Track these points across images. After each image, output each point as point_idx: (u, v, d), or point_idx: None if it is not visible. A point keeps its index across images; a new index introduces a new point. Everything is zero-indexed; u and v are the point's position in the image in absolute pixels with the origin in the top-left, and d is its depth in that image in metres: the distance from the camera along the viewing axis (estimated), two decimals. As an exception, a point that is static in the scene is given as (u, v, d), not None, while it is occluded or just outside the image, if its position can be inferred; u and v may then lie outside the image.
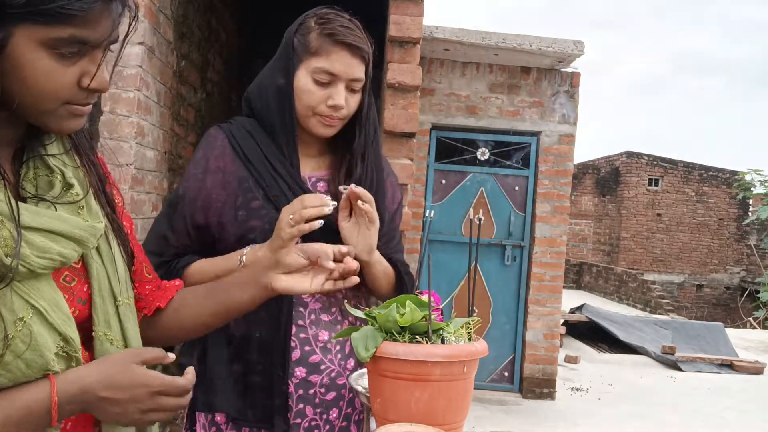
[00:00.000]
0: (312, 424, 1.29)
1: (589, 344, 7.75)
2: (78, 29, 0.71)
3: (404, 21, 2.70)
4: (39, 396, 0.75)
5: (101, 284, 0.84)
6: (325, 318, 1.32)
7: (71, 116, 0.77)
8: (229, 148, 1.29)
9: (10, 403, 0.73)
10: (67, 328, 0.77)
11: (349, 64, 1.26)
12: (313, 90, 1.26)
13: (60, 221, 0.78)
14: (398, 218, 1.43)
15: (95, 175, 0.88)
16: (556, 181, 5.27)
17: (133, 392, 0.79)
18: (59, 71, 0.73)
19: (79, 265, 0.83)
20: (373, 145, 1.35)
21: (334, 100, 1.26)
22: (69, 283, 0.81)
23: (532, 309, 5.25)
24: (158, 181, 3.10)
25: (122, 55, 0.81)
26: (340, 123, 1.30)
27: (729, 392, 6.02)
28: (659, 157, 16.29)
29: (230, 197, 1.26)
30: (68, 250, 0.78)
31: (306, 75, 1.27)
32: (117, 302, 0.86)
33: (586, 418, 4.88)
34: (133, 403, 0.79)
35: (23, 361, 0.74)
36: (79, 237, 0.79)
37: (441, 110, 5.22)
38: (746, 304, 14.33)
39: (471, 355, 0.96)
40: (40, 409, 0.75)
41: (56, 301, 0.77)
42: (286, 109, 1.28)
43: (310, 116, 1.28)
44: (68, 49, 0.72)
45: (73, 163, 0.85)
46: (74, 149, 0.86)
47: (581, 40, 4.84)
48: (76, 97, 0.76)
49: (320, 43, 1.26)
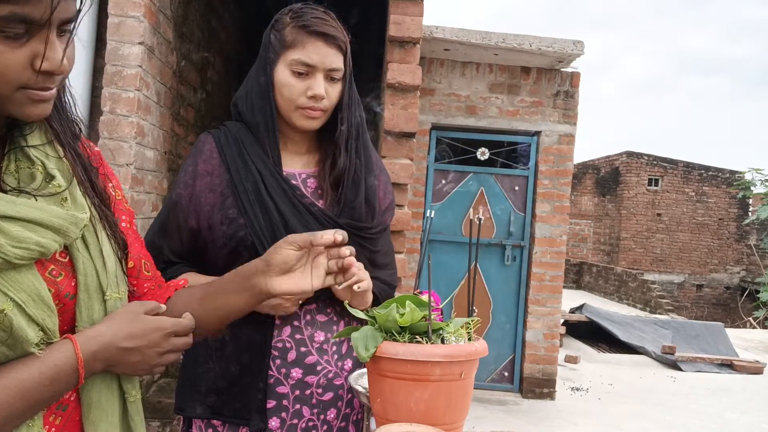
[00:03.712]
0: (309, 424, 1.29)
1: (589, 344, 7.75)
2: (17, 6, 0.69)
3: (404, 21, 2.70)
4: (64, 355, 0.78)
5: (88, 279, 0.83)
6: (321, 318, 1.32)
7: (31, 102, 0.75)
8: (216, 153, 1.31)
9: (40, 362, 0.76)
10: (47, 320, 0.77)
11: (325, 53, 1.27)
12: (292, 83, 1.27)
13: (37, 210, 0.76)
14: (389, 216, 1.42)
15: (80, 166, 0.86)
16: (556, 181, 5.27)
17: (150, 337, 0.84)
18: (6, 54, 0.71)
19: (66, 259, 0.82)
20: (358, 135, 1.35)
21: (314, 90, 1.27)
22: (55, 278, 0.80)
23: (532, 309, 5.25)
24: (158, 181, 3.10)
25: (77, 35, 0.79)
26: (322, 115, 1.30)
27: (729, 392, 6.01)
28: (659, 157, 16.28)
29: (218, 200, 1.27)
30: (46, 239, 0.76)
31: (284, 69, 1.28)
32: (105, 297, 0.84)
33: (586, 418, 4.88)
34: (152, 348, 0.85)
35: (5, 345, 0.74)
36: (58, 226, 0.78)
37: (441, 110, 5.22)
38: (746, 304, 14.33)
39: (471, 355, 0.96)
40: (68, 367, 0.77)
41: (38, 291, 0.76)
42: (267, 106, 1.30)
43: (292, 110, 1.29)
44: (13, 30, 0.70)
45: (55, 154, 0.83)
46: (57, 140, 0.84)
47: (581, 40, 4.84)
48: (32, 80, 0.74)
49: (295, 35, 1.27)
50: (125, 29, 2.67)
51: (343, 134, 1.32)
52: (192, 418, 1.33)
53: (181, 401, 1.32)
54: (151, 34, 2.79)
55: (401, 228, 2.61)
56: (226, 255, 1.26)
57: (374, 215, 1.35)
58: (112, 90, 2.67)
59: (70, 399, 0.83)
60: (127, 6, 2.66)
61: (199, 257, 1.31)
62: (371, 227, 1.34)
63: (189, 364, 1.33)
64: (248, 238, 1.24)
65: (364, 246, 1.33)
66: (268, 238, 1.24)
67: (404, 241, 2.66)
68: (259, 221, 1.25)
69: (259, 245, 1.24)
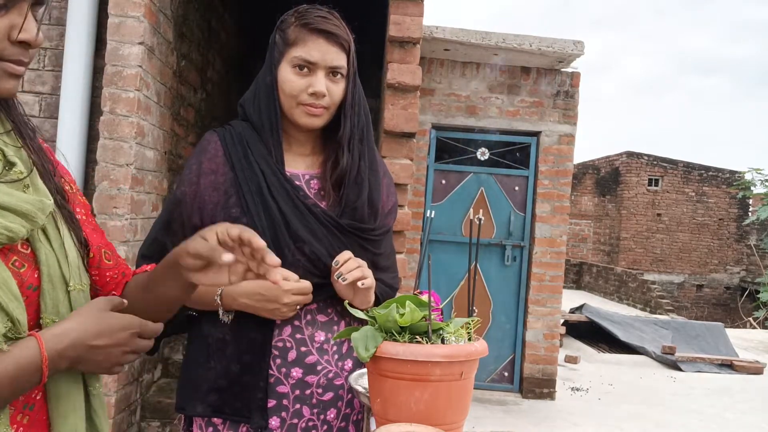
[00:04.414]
0: (309, 424, 1.29)
1: (589, 344, 7.75)
2: None
3: (404, 21, 2.70)
4: (28, 353, 0.76)
5: (51, 269, 0.83)
6: (322, 318, 1.32)
7: (5, 75, 0.78)
8: (221, 151, 1.31)
9: (1, 360, 0.75)
10: (14, 309, 0.77)
11: (326, 51, 1.28)
12: (294, 79, 1.28)
13: (5, 195, 0.77)
14: (392, 219, 1.43)
15: (39, 158, 0.87)
16: (556, 181, 5.27)
17: (117, 336, 0.83)
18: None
19: (28, 250, 0.82)
20: (361, 135, 1.35)
21: (314, 87, 1.27)
22: (19, 269, 0.80)
23: (532, 309, 5.25)
24: (158, 181, 3.10)
25: (49, 13, 0.83)
26: (324, 112, 1.30)
27: (729, 392, 6.01)
28: (659, 157, 16.28)
29: (221, 199, 1.28)
30: (15, 224, 0.77)
31: (286, 66, 1.29)
32: (68, 288, 0.85)
33: (586, 418, 4.88)
34: (117, 347, 0.83)
35: None
36: (27, 211, 0.78)
37: (441, 110, 5.22)
38: (746, 304, 14.33)
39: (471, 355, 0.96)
40: (30, 366, 0.76)
41: (4, 279, 0.76)
42: (272, 104, 1.30)
43: (294, 107, 1.29)
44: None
45: (14, 143, 0.84)
46: (16, 131, 0.85)
47: (581, 40, 4.84)
48: (8, 52, 0.77)
49: (297, 33, 1.29)
50: (125, 29, 2.67)
51: (346, 134, 1.32)
52: (193, 417, 1.33)
53: (182, 400, 1.33)
54: (151, 34, 2.79)
55: (401, 228, 2.61)
56: None
57: (377, 217, 1.35)
58: (112, 90, 2.67)
59: (36, 398, 0.82)
60: (127, 6, 2.66)
61: None
62: (373, 229, 1.34)
63: (190, 364, 1.34)
64: None
65: (366, 248, 1.33)
66: (270, 237, 1.24)
67: (404, 241, 2.66)
68: (261, 221, 1.25)
69: None
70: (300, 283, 1.23)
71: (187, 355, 1.36)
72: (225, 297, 1.25)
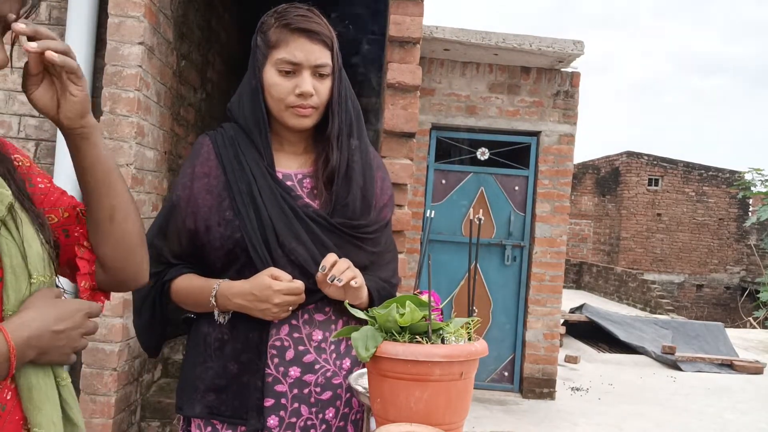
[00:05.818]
0: (308, 423, 1.29)
1: (589, 344, 7.75)
2: None
3: (404, 21, 2.70)
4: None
5: (13, 260, 0.82)
6: (319, 317, 1.32)
7: None
8: (213, 154, 1.31)
9: None
10: None
11: (309, 50, 1.27)
12: (280, 82, 1.27)
13: None
14: (388, 212, 1.42)
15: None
16: (556, 181, 5.27)
17: (75, 318, 0.85)
18: None
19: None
20: (350, 131, 1.34)
21: (301, 88, 1.26)
22: None
23: (532, 309, 5.25)
24: (158, 181, 3.10)
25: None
26: (313, 112, 1.30)
27: (729, 392, 6.02)
28: (659, 157, 16.28)
29: (215, 202, 1.28)
30: None
31: (271, 69, 1.28)
32: (31, 279, 0.84)
33: (586, 418, 4.88)
34: (76, 329, 0.85)
35: None
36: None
37: (441, 110, 5.23)
38: (746, 304, 14.33)
39: (471, 355, 0.96)
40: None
41: None
42: (258, 108, 1.30)
43: (283, 110, 1.29)
44: None
45: None
46: None
47: (581, 40, 4.84)
48: None
49: (278, 35, 1.27)
50: (125, 29, 2.67)
51: (335, 131, 1.32)
52: (191, 418, 1.33)
53: (181, 401, 1.33)
54: (151, 34, 2.79)
55: (401, 228, 2.61)
56: (223, 256, 1.27)
57: (370, 211, 1.34)
58: (112, 90, 2.67)
59: (7, 398, 0.82)
60: (127, 6, 2.66)
61: (198, 258, 1.31)
62: (367, 225, 1.33)
63: (189, 364, 1.34)
64: (244, 240, 1.25)
65: (362, 247, 1.33)
66: (260, 240, 1.25)
67: (404, 241, 2.66)
68: (252, 223, 1.25)
69: (251, 247, 1.24)
70: (292, 283, 1.22)
71: (186, 355, 1.36)
72: (219, 298, 1.25)
